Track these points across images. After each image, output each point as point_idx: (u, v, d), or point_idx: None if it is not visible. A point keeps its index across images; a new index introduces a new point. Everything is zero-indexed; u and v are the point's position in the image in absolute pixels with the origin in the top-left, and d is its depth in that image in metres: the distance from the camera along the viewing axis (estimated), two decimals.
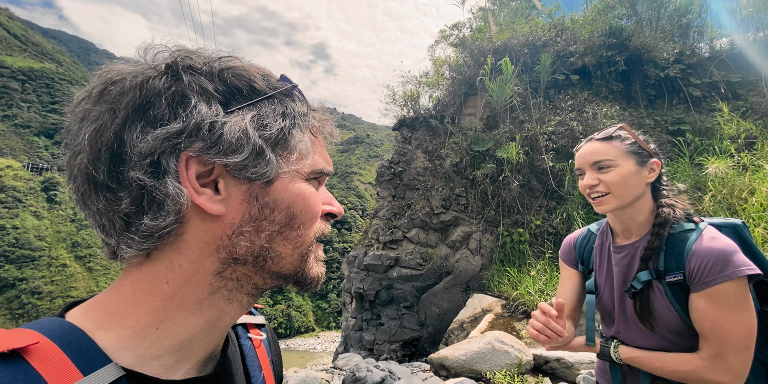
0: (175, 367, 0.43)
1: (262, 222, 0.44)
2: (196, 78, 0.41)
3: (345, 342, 7.61)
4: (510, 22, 8.48)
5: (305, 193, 0.47)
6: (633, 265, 1.14)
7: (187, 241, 0.42)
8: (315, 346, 41.31)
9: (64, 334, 0.38)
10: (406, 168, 7.71)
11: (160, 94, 0.40)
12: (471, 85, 7.50)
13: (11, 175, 59.25)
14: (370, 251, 7.54)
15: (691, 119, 6.36)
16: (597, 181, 1.13)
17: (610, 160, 1.11)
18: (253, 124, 0.42)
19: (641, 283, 1.07)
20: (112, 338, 0.40)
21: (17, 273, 50.56)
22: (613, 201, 1.11)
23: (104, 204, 0.40)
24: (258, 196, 0.44)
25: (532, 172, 6.52)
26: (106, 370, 0.37)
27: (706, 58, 7.00)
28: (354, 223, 69.35)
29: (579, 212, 5.67)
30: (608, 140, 1.14)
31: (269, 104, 0.45)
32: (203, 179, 0.42)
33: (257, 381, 0.55)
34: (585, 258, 1.31)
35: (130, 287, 0.42)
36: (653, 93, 7.07)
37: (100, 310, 0.42)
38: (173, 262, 0.42)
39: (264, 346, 0.61)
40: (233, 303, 0.46)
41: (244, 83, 0.44)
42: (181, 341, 0.43)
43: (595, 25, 7.50)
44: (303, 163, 0.47)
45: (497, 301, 5.35)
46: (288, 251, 0.46)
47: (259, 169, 0.43)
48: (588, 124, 6.30)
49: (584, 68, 7.31)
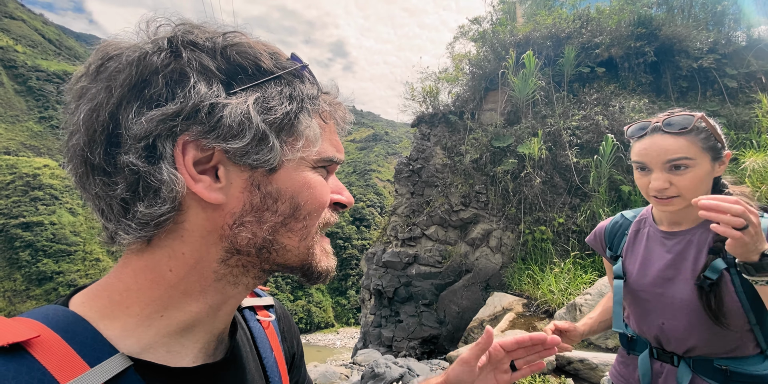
0: (183, 352, 0.42)
1: (265, 212, 0.42)
2: (196, 55, 0.38)
3: (364, 338, 7.66)
4: (532, 14, 8.25)
5: (311, 182, 0.44)
6: (688, 253, 1.05)
7: (188, 229, 0.40)
8: (335, 341, 41.85)
9: (68, 324, 0.37)
10: (425, 165, 7.65)
11: (157, 71, 0.37)
12: (491, 80, 7.35)
13: (48, 174, 62.28)
14: (389, 248, 7.54)
15: (726, 112, 6.03)
16: (668, 185, 1.00)
17: (688, 159, 0.98)
18: (257, 107, 0.39)
19: (717, 272, 0.97)
20: (116, 327, 0.39)
21: (54, 267, 53.22)
22: (681, 203, 1.01)
23: (101, 188, 0.39)
24: (260, 185, 0.41)
25: (555, 169, 6.35)
26: (112, 360, 0.36)
27: (743, 47, 6.60)
28: (373, 220, 69.62)
29: (605, 209, 5.48)
30: (684, 134, 0.99)
31: (276, 85, 0.41)
32: (202, 165, 0.39)
33: (269, 362, 0.55)
34: (615, 244, 1.24)
35: (132, 275, 0.41)
36: (685, 85, 6.73)
37: (103, 299, 0.41)
38: (176, 250, 0.41)
39: (273, 327, 0.60)
40: (239, 286, 0.44)
41: (249, 62, 0.40)
42: (185, 326, 0.42)
43: (622, 14, 7.20)
44: (310, 151, 0.43)
45: (518, 300, 5.25)
46: (293, 243, 0.44)
47: (261, 156, 0.40)
48: (614, 118, 6.06)
49: (611, 60, 7.03)
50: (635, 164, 1.09)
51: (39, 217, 55.99)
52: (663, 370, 1.11)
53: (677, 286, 1.05)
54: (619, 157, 5.69)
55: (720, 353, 1.02)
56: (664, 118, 1.03)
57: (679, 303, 1.05)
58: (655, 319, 1.10)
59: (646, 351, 1.15)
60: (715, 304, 0.97)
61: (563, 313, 4.07)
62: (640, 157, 1.06)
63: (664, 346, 1.11)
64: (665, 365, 1.10)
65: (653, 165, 1.03)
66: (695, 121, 0.99)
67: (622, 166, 5.84)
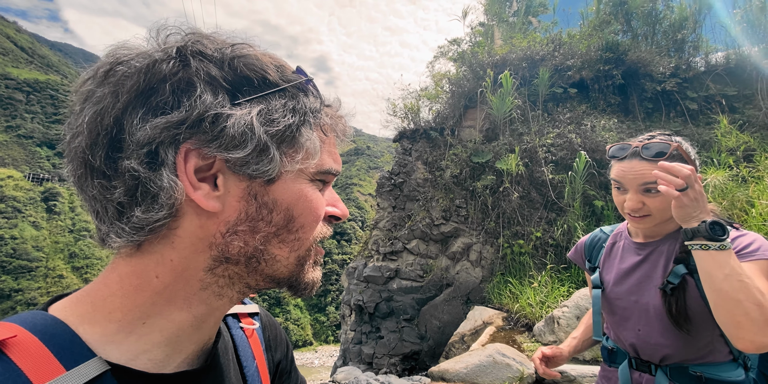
0: (166, 361, 0.42)
1: (259, 222, 0.42)
2: (204, 65, 0.39)
3: (344, 355, 7.48)
4: (508, 37, 8.65)
5: (308, 194, 0.44)
6: (658, 262, 1.13)
7: (180, 236, 0.40)
8: (313, 360, 40.54)
9: (46, 327, 0.36)
10: (407, 179, 7.74)
11: (165, 79, 0.37)
12: (470, 98, 7.60)
13: (12, 186, 59.29)
14: (370, 263, 7.49)
15: (688, 132, 6.42)
16: (641, 205, 1.08)
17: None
18: (260, 119, 0.40)
19: (678, 277, 1.04)
20: (96, 332, 0.38)
21: (13, 284, 50.03)
22: (653, 221, 1.10)
23: (99, 190, 0.39)
24: (257, 195, 0.41)
25: (531, 184, 6.54)
26: (89, 364, 0.36)
27: (702, 72, 7.10)
28: (354, 234, 69.02)
29: (580, 224, 5.66)
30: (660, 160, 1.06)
31: (280, 98, 0.42)
32: (202, 173, 0.40)
33: (250, 371, 0.54)
34: (593, 256, 1.32)
35: (117, 280, 0.41)
36: (650, 106, 7.15)
37: (85, 304, 0.40)
38: (164, 256, 0.40)
39: (257, 335, 0.59)
40: (223, 298, 0.44)
41: (255, 74, 0.41)
42: (169, 336, 0.42)
43: (591, 39, 7.65)
44: (309, 163, 0.44)
45: (498, 314, 5.28)
46: (284, 254, 0.44)
47: (261, 167, 0.40)
48: (586, 136, 6.34)
49: (582, 82, 7.41)
50: (614, 182, 1.16)
51: None
52: (642, 380, 1.14)
53: (650, 293, 1.11)
54: (591, 174, 5.93)
55: (693, 359, 1.06)
56: (643, 144, 1.10)
57: (652, 309, 1.10)
58: (632, 326, 1.15)
59: (625, 362, 1.18)
60: (676, 309, 1.02)
61: (542, 326, 4.13)
62: (618, 177, 1.14)
63: (641, 354, 1.15)
64: (644, 375, 1.14)
65: (629, 186, 1.10)
66: (671, 150, 1.05)
67: (595, 182, 6.08)
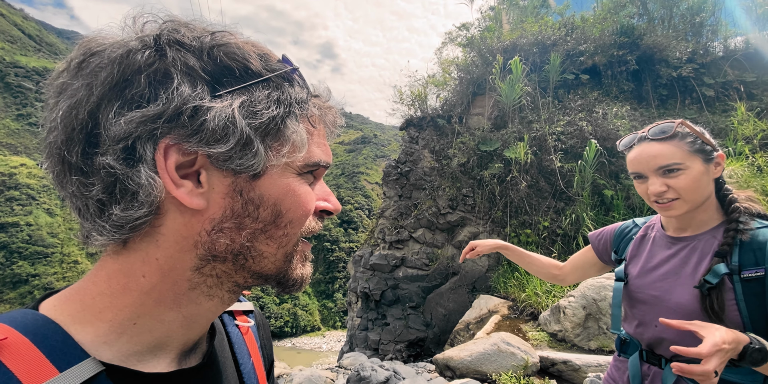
0: (155, 362, 0.41)
1: (245, 219, 0.40)
2: (182, 54, 0.37)
3: (350, 341, 7.62)
4: (519, 21, 8.41)
5: (295, 189, 0.43)
6: (690, 259, 1.08)
7: (164, 234, 0.39)
8: (321, 345, 41.43)
9: (38, 328, 0.35)
10: (413, 168, 7.69)
11: (140, 70, 0.35)
12: (479, 85, 7.45)
13: (25, 173, 60.38)
14: (376, 251, 7.53)
15: (704, 120, 6.24)
16: (666, 188, 1.04)
17: (678, 164, 1.02)
18: (242, 111, 0.38)
19: (718, 276, 0.99)
20: (88, 332, 0.37)
21: (30, 269, 51.48)
22: (683, 206, 1.04)
23: (77, 187, 0.37)
24: (243, 191, 0.40)
25: (540, 173, 6.46)
26: (83, 365, 0.35)
27: (720, 57, 6.86)
28: (360, 222, 69.46)
29: (588, 213, 5.60)
30: (668, 140, 1.04)
31: (263, 88, 0.40)
32: (185, 170, 0.38)
33: (246, 368, 0.53)
34: (621, 247, 1.27)
35: (105, 279, 0.40)
36: (665, 93, 6.95)
37: (75, 303, 0.39)
38: (150, 255, 0.39)
39: (252, 333, 0.59)
40: (213, 299, 0.43)
41: (237, 63, 0.39)
42: (160, 336, 0.41)
43: (605, 23, 7.40)
44: (296, 156, 0.42)
45: (503, 303, 5.30)
46: (271, 251, 0.43)
47: (245, 161, 0.39)
48: (598, 124, 6.21)
49: (594, 67, 7.21)
50: (632, 175, 1.13)
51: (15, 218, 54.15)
52: (650, 373, 1.13)
53: (675, 290, 1.07)
54: (602, 162, 5.82)
55: None
56: (649, 128, 1.09)
57: (675, 307, 1.06)
58: (650, 321, 1.12)
59: (636, 353, 1.17)
60: (718, 307, 0.97)
61: (547, 316, 4.13)
62: (633, 166, 1.11)
63: (654, 349, 1.13)
64: (652, 368, 1.12)
65: (647, 172, 1.07)
66: (676, 127, 1.04)
67: (605, 171, 5.98)
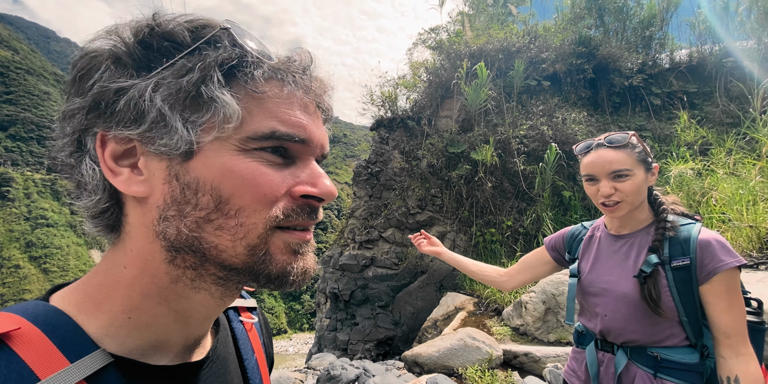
0: (158, 356, 0.42)
1: (184, 206, 0.37)
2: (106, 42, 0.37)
3: (319, 343, 7.56)
4: (486, 28, 8.69)
5: (238, 168, 0.37)
6: (631, 253, 1.22)
7: (130, 224, 0.40)
8: (287, 348, 40.64)
9: (49, 318, 0.36)
10: (383, 168, 7.75)
11: (75, 66, 0.38)
12: (447, 88, 7.63)
13: None
14: (346, 251, 7.53)
15: (651, 126, 6.74)
16: (614, 191, 1.18)
17: (628, 170, 1.16)
18: (156, 87, 0.35)
19: (651, 266, 1.13)
20: (93, 324, 0.38)
21: None
22: (626, 208, 1.19)
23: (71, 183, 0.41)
24: (178, 175, 0.37)
25: (504, 174, 6.71)
26: (93, 356, 0.35)
27: (667, 69, 7.44)
28: (330, 223, 68.75)
29: (548, 213, 5.89)
30: (622, 148, 1.17)
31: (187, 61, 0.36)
32: (130, 159, 0.38)
33: (250, 364, 0.54)
34: (573, 248, 1.42)
35: (104, 269, 0.40)
36: (618, 100, 7.44)
37: (79, 293, 0.40)
38: (127, 246, 0.40)
39: (256, 329, 0.59)
40: (200, 291, 0.40)
41: (163, 40, 0.37)
42: (157, 332, 0.41)
43: (565, 33, 7.81)
44: (226, 128, 0.37)
45: (469, 300, 5.47)
46: (225, 243, 0.38)
47: (167, 141, 0.36)
48: (558, 128, 6.54)
49: (555, 75, 7.59)
50: (585, 177, 1.26)
51: None
52: (605, 359, 1.26)
53: (621, 282, 1.21)
54: (561, 165, 6.15)
55: (652, 343, 1.17)
56: (605, 136, 1.23)
57: (620, 297, 1.19)
58: (600, 312, 1.25)
59: (591, 343, 1.30)
60: (655, 294, 1.12)
61: (510, 311, 4.31)
62: (588, 169, 1.23)
63: (606, 337, 1.26)
64: (606, 354, 1.25)
65: (600, 175, 1.20)
66: (629, 138, 1.19)
67: (564, 173, 6.32)
